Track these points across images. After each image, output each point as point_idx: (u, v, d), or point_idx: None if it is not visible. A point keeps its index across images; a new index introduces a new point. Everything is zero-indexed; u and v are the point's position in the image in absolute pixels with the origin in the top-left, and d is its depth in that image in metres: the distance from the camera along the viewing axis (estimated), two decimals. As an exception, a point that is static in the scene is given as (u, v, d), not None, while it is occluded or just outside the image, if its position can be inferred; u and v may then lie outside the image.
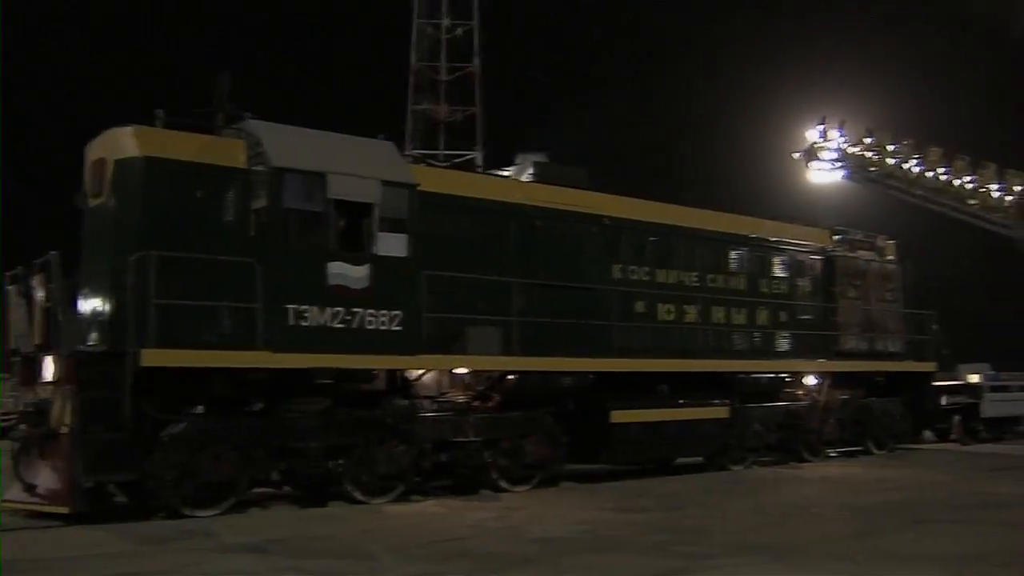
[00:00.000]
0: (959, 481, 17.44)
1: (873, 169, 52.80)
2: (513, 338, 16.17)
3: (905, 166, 52.08)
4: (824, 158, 53.26)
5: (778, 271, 21.34)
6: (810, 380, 21.70)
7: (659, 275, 18.84)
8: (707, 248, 19.95)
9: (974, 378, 27.38)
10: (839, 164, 52.98)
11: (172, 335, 12.69)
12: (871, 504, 14.38)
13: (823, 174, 53.41)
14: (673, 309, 18.89)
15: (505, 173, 18.66)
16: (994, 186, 51.39)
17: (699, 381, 18.94)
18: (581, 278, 17.56)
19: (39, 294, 13.53)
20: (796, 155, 53.96)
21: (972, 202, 51.82)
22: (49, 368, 13.15)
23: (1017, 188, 50.97)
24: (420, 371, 15.64)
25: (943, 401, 26.11)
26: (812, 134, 53.54)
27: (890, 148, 52.27)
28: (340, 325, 14.00)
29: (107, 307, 13.41)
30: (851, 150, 52.95)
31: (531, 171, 18.13)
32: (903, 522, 12.65)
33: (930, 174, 51.73)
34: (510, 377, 16.38)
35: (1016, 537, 11.36)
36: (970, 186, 51.67)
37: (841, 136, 53.16)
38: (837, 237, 23.19)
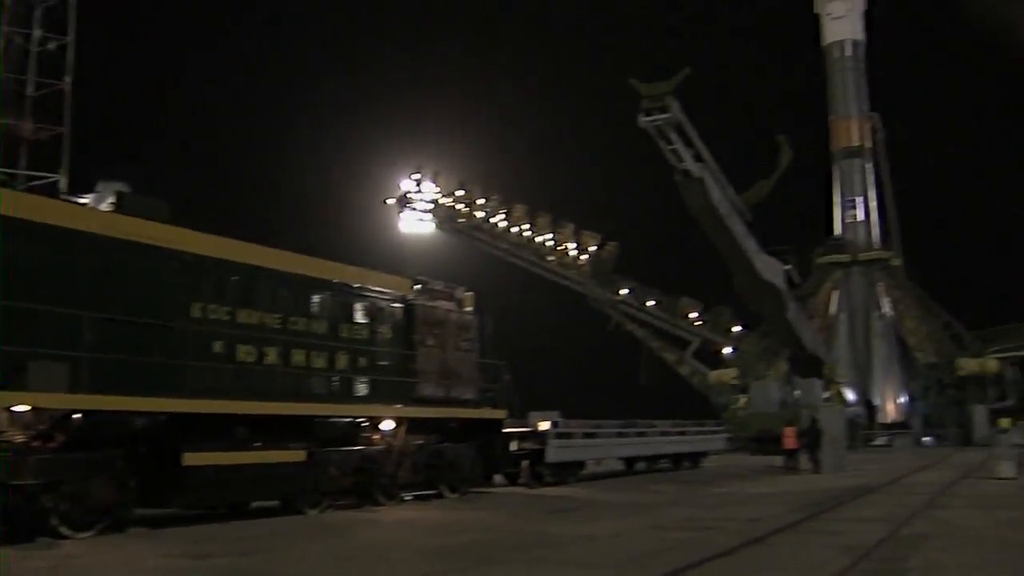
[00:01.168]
0: (523, 522, 18.24)
1: (462, 221, 55.03)
2: (82, 375, 15.38)
3: (492, 220, 54.70)
4: (416, 208, 54.79)
5: (359, 317, 21.57)
6: (387, 425, 22.08)
7: (240, 315, 18.50)
8: (290, 290, 19.85)
9: (543, 425, 28.84)
10: (430, 214, 54.66)
11: None
12: (442, 546, 14.72)
13: (414, 223, 54.94)
14: (253, 350, 18.65)
15: (84, 201, 17.79)
16: (571, 245, 55.09)
17: (280, 424, 18.79)
18: (159, 315, 16.96)
19: None
20: (389, 202, 55.17)
21: (551, 259, 55.25)
22: None
23: (591, 248, 54.85)
24: (-28, 408, 14.55)
25: (513, 446, 27.42)
26: (406, 183, 55.00)
27: (479, 202, 54.73)
28: None
29: None
30: (442, 201, 54.86)
31: (112, 200, 17.41)
32: (470, 562, 13.02)
33: (515, 229, 54.64)
34: (76, 416, 15.56)
35: (566, 572, 12.03)
36: (550, 243, 55.07)
37: (434, 187, 54.92)
38: (417, 286, 23.82)
